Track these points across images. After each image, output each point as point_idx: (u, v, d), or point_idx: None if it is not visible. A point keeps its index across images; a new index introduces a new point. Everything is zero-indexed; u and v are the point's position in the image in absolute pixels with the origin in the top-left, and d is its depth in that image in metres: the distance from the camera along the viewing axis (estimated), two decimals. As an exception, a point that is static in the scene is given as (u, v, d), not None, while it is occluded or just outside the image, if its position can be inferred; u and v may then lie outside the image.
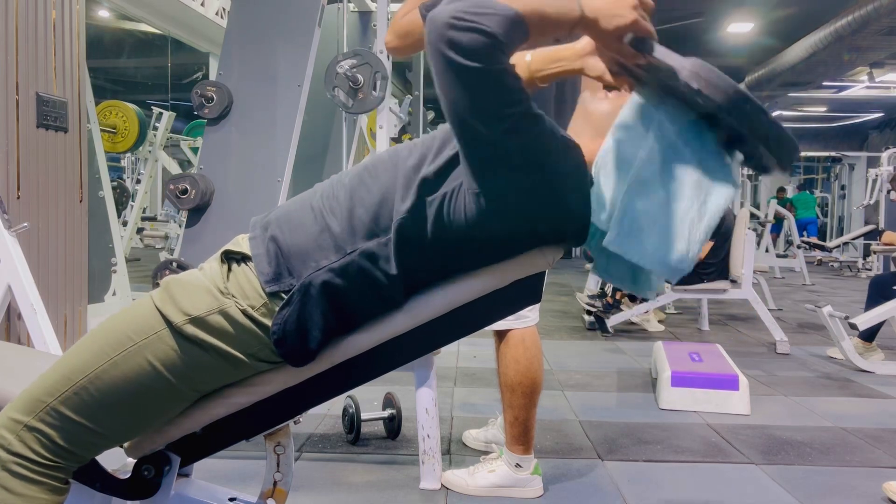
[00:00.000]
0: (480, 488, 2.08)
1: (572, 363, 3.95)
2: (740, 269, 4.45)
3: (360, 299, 1.01)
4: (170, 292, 1.00)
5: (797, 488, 2.19)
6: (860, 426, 2.87)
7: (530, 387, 2.03)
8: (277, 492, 1.17)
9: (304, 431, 2.59)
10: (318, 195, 1.06)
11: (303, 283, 0.98)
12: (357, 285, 1.00)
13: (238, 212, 2.63)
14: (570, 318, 5.59)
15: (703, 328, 5.21)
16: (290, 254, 1.00)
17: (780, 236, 12.14)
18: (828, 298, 6.92)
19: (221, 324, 0.98)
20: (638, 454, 2.48)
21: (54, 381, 0.98)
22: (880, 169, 9.24)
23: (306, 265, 0.99)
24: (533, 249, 1.06)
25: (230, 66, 2.73)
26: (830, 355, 2.07)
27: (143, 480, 1.06)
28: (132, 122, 6.18)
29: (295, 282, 0.98)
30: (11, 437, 0.96)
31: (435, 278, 1.04)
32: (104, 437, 1.01)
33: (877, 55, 8.69)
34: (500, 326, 2.04)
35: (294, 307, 0.97)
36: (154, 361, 0.97)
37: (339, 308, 1.00)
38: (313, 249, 1.00)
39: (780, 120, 0.98)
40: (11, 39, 2.10)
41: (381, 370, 1.10)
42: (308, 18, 2.71)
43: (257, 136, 2.67)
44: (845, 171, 14.42)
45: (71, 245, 2.37)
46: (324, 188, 1.07)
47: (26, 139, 2.15)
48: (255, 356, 1.00)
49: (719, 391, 3.02)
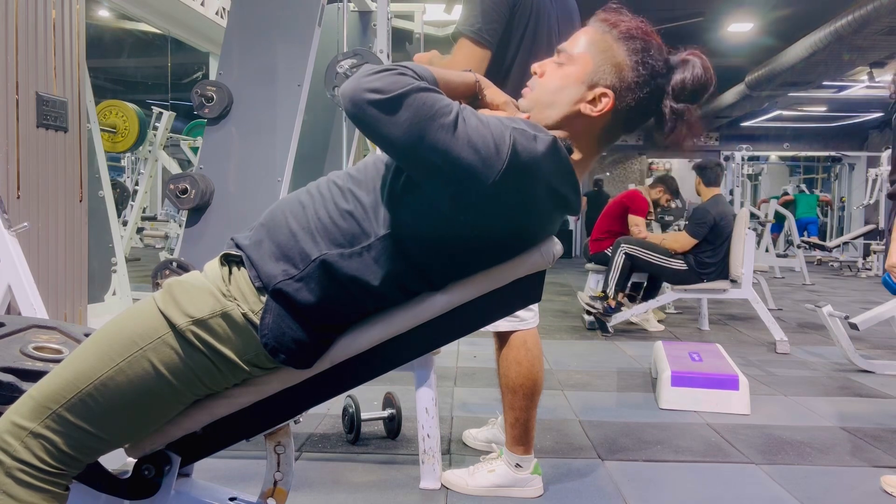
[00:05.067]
0: (480, 488, 2.08)
1: (572, 363, 3.95)
2: (740, 269, 4.45)
3: (339, 305, 1.02)
4: (172, 294, 1.00)
5: (797, 488, 2.19)
6: (860, 426, 2.87)
7: (531, 388, 2.03)
8: (277, 491, 1.17)
9: (304, 431, 2.59)
10: (297, 201, 1.07)
11: (272, 290, 0.99)
12: (329, 293, 1.00)
13: (238, 212, 2.63)
14: (570, 318, 5.59)
15: (703, 328, 5.21)
16: (262, 260, 1.01)
17: (780, 236, 12.14)
18: (828, 298, 6.92)
19: (223, 326, 0.98)
20: (638, 454, 2.47)
21: (60, 387, 0.97)
22: (880, 169, 9.24)
23: (275, 273, 1.00)
24: (532, 249, 1.06)
25: (230, 65, 2.73)
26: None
27: (144, 480, 1.06)
28: (132, 121, 6.17)
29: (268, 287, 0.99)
30: (16, 444, 0.96)
31: (434, 279, 1.04)
32: (107, 443, 1.01)
33: (877, 55, 8.69)
34: (501, 328, 2.04)
35: (272, 315, 0.98)
36: (158, 365, 0.97)
37: (318, 314, 1.01)
38: (282, 257, 1.01)
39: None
40: (11, 39, 2.10)
41: (381, 370, 1.10)
42: (308, 18, 2.70)
43: (257, 136, 2.67)
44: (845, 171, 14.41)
45: (71, 245, 2.37)
46: (303, 194, 1.08)
47: (26, 139, 2.15)
48: (251, 362, 1.00)
49: (719, 391, 3.02)
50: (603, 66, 1.09)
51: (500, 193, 0.96)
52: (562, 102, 1.10)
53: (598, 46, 1.10)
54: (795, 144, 15.80)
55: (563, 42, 1.15)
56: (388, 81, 0.92)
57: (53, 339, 1.21)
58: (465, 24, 1.90)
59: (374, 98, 0.91)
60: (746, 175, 10.68)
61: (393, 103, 0.91)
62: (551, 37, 1.99)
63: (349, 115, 0.94)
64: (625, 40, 1.10)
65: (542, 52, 1.12)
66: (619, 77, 1.09)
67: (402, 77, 0.93)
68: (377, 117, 0.92)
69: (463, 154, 0.93)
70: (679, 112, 1.11)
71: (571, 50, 1.12)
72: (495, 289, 1.06)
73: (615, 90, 1.09)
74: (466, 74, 1.10)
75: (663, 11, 8.49)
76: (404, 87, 0.92)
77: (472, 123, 0.95)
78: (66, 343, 1.21)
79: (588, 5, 1.17)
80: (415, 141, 0.92)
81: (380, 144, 0.96)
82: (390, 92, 0.91)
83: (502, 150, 0.95)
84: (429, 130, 0.92)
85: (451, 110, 0.94)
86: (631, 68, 1.08)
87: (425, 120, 0.92)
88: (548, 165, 1.00)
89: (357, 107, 0.92)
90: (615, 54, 1.09)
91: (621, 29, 1.10)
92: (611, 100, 1.09)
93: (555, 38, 2.00)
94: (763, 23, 8.91)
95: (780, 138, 15.75)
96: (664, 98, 1.11)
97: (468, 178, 0.94)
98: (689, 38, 5.83)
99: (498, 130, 0.96)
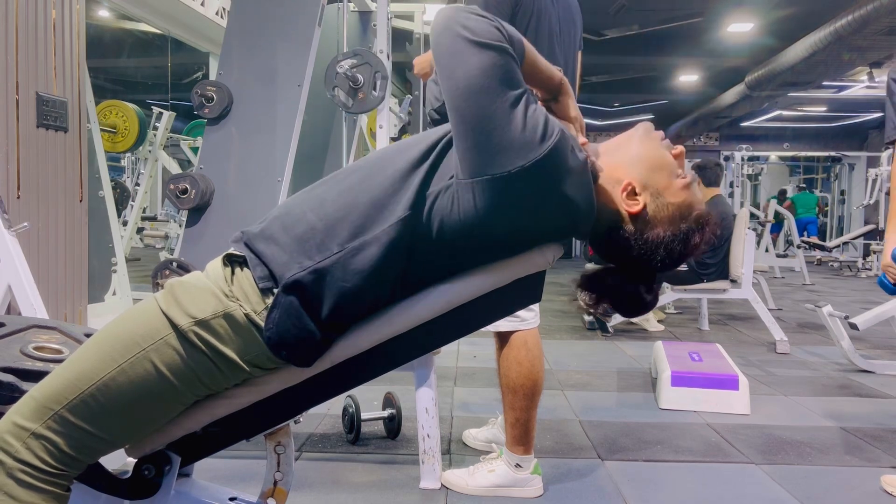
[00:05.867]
0: (480, 488, 2.08)
1: (572, 363, 3.95)
2: (740, 269, 4.45)
3: (349, 299, 1.01)
4: (174, 295, 0.99)
5: (797, 488, 2.19)
6: (860, 426, 2.87)
7: (532, 388, 2.03)
8: (278, 491, 1.17)
9: (304, 431, 2.59)
10: (312, 195, 1.06)
11: (286, 283, 0.97)
12: (342, 286, 0.99)
13: (238, 211, 2.63)
14: (570, 318, 5.59)
15: (703, 328, 5.21)
16: (276, 255, 1.00)
17: (780, 236, 12.14)
18: (828, 298, 6.92)
19: (224, 327, 0.97)
20: (638, 454, 2.48)
21: (61, 388, 0.97)
22: (880, 169, 9.24)
23: (289, 266, 0.98)
24: (533, 248, 1.06)
25: (230, 65, 2.73)
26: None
27: (144, 480, 1.06)
28: (132, 121, 6.17)
29: (280, 281, 0.98)
30: (18, 445, 0.95)
31: (434, 277, 1.04)
32: (109, 443, 1.01)
33: (877, 55, 8.69)
34: (502, 329, 2.04)
35: (280, 310, 0.97)
36: (160, 366, 0.97)
37: (327, 308, 0.99)
38: (298, 250, 1.00)
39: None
40: (11, 39, 2.10)
41: (381, 370, 1.10)
42: (308, 18, 2.70)
43: (257, 136, 2.67)
44: (845, 171, 14.42)
45: (71, 245, 2.37)
46: (317, 188, 1.07)
47: (26, 139, 2.15)
48: (252, 362, 1.00)
49: (719, 391, 3.02)
50: (657, 201, 1.07)
51: (518, 185, 0.95)
52: (616, 172, 1.08)
53: (665, 193, 1.07)
54: (795, 144, 15.81)
55: (563, 41, 1.15)
56: (484, 28, 0.93)
57: (53, 340, 1.21)
58: None
59: (466, 35, 0.92)
60: (746, 175, 10.67)
61: (479, 47, 0.92)
62: (552, 38, 1.99)
63: (433, 40, 0.95)
64: (684, 221, 1.07)
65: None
66: (655, 216, 1.06)
67: (497, 31, 0.94)
68: (460, 50, 0.92)
69: (510, 125, 0.93)
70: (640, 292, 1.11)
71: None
72: (495, 289, 1.06)
73: (644, 219, 1.06)
74: (555, 69, 1.09)
75: (663, 11, 8.49)
76: (497, 41, 0.93)
77: (532, 107, 0.95)
78: (66, 343, 1.21)
79: (588, 6, 1.17)
80: (476, 90, 0.92)
81: (443, 75, 0.95)
82: (482, 37, 0.92)
83: (545, 142, 0.94)
84: (492, 89, 0.92)
85: (521, 87, 0.95)
86: (663, 232, 1.06)
87: (496, 80, 0.92)
88: (572, 180, 0.98)
89: (446, 34, 0.93)
90: (669, 212, 1.07)
91: (693, 220, 1.07)
92: (638, 210, 1.06)
93: (556, 38, 2.00)
94: (763, 23, 8.91)
95: (780, 138, 15.76)
96: (642, 277, 1.10)
97: (500, 153, 0.93)
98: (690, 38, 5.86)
99: (551, 125, 0.96)
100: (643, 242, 1.06)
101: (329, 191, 1.05)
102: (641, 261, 1.08)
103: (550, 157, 0.94)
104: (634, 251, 1.07)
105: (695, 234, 1.07)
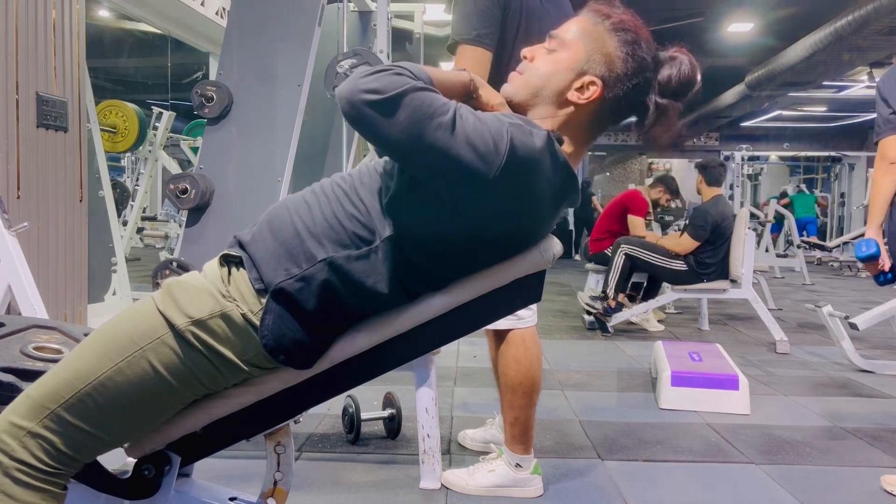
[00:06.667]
0: (480, 488, 2.08)
1: (572, 363, 3.95)
2: (740, 269, 4.45)
3: (340, 307, 1.02)
4: (172, 294, 0.99)
5: (797, 488, 2.19)
6: (860, 426, 2.87)
7: (530, 387, 2.03)
8: (277, 491, 1.17)
9: (304, 431, 2.59)
10: (303, 200, 1.06)
11: (273, 290, 0.98)
12: (332, 294, 1.00)
13: (238, 212, 2.63)
14: (570, 318, 5.59)
15: (703, 328, 5.21)
16: (265, 259, 1.01)
17: (780, 236, 12.14)
18: (828, 298, 6.92)
19: (222, 327, 0.98)
20: (638, 454, 2.48)
21: (58, 386, 0.97)
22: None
23: (277, 272, 0.99)
24: (532, 248, 1.06)
25: (230, 65, 2.73)
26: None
27: (144, 480, 1.06)
28: (132, 121, 6.18)
29: (269, 287, 0.99)
30: (14, 444, 0.95)
31: (435, 282, 1.04)
32: (106, 442, 1.01)
33: (877, 55, 8.69)
34: (500, 326, 2.04)
35: (273, 315, 0.98)
36: (157, 366, 0.97)
37: (319, 314, 1.00)
38: (286, 255, 1.00)
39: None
40: (11, 39, 2.10)
41: (381, 370, 1.10)
42: (308, 18, 2.71)
43: (257, 136, 2.67)
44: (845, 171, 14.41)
45: (71, 245, 2.37)
46: (308, 194, 1.08)
47: (26, 139, 2.15)
48: (250, 362, 1.00)
49: (719, 391, 3.02)
50: (593, 56, 1.10)
51: (500, 189, 0.97)
52: (550, 87, 1.10)
53: (590, 36, 1.11)
54: (795, 144, 15.81)
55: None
56: (385, 82, 0.91)
57: (53, 339, 1.21)
58: (462, 32, 1.90)
59: (372, 99, 0.91)
60: (746, 175, 10.67)
61: (390, 103, 0.91)
62: (543, 38, 1.99)
63: (346, 117, 0.94)
64: (616, 32, 1.10)
65: None
66: (609, 67, 1.09)
67: (398, 77, 0.93)
68: (375, 118, 0.91)
69: (462, 152, 0.93)
70: (663, 108, 1.11)
71: (563, 36, 1.13)
72: (495, 288, 1.06)
73: (604, 80, 1.09)
74: (461, 73, 1.10)
75: (663, 11, 8.49)
76: (401, 86, 0.92)
77: (470, 121, 0.95)
78: (66, 343, 1.21)
79: (584, 4, 1.17)
80: (414, 141, 0.92)
81: (378, 145, 0.96)
82: (387, 92, 0.91)
83: (500, 146, 0.95)
84: (427, 130, 0.92)
85: (449, 109, 0.94)
86: (620, 59, 1.09)
87: (423, 119, 0.92)
88: (545, 159, 1.00)
89: (354, 108, 0.92)
90: (606, 45, 1.10)
91: (613, 20, 1.11)
92: (599, 89, 1.09)
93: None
94: (763, 23, 8.91)
95: (780, 138, 15.75)
96: (649, 92, 1.11)
97: (469, 176, 0.95)
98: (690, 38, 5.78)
99: (495, 127, 0.97)
100: (617, 80, 1.10)
101: (318, 198, 1.06)
102: (636, 91, 1.11)
103: (514, 154, 0.96)
104: (625, 96, 1.11)
105: (629, 33, 1.10)
